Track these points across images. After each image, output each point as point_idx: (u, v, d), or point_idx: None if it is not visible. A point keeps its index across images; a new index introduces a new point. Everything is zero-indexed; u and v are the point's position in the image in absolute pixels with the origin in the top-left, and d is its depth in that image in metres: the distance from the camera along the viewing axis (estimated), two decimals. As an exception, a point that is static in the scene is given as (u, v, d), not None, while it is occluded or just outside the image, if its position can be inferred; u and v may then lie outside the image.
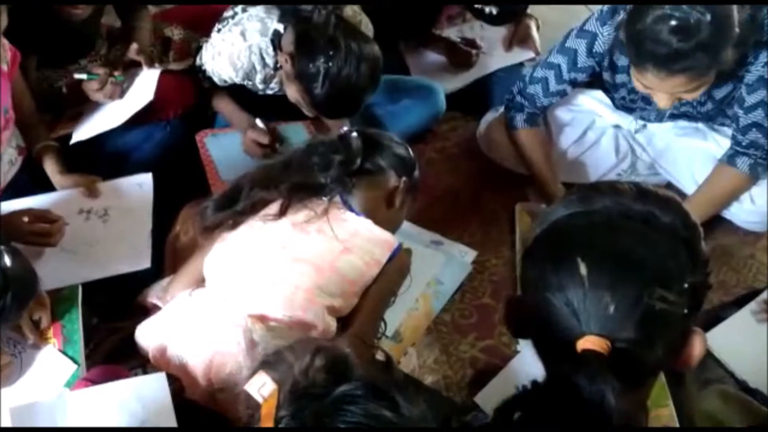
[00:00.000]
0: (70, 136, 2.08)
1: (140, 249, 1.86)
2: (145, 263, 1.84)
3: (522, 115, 2.18)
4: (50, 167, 1.98)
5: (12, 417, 1.36)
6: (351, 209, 1.61)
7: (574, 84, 2.12)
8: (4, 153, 1.87)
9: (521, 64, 2.67)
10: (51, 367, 1.60)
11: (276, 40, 2.01)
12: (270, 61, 2.06)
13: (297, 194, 1.58)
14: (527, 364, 1.66)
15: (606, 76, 2.10)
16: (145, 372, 1.73)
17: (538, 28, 2.69)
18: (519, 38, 2.68)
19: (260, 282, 1.52)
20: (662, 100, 1.80)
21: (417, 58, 2.68)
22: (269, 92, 2.20)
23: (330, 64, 1.82)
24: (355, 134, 1.68)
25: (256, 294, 1.51)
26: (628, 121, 2.26)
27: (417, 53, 2.69)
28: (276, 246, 1.53)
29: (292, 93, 1.96)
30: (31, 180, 1.97)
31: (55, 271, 1.74)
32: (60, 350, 1.62)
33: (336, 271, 1.51)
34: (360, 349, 1.52)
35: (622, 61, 1.99)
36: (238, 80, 2.12)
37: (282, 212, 1.57)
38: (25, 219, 1.74)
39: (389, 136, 1.76)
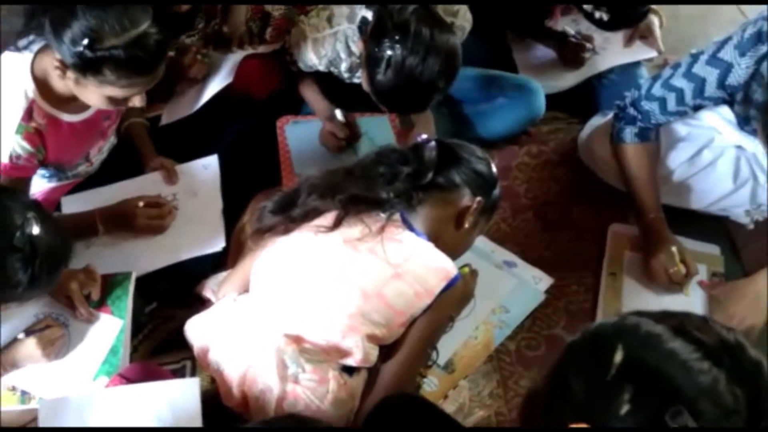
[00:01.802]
0: (159, 118, 2.08)
1: (214, 231, 1.84)
2: (220, 244, 1.82)
3: (633, 128, 1.94)
4: (142, 145, 1.99)
5: (41, 410, 1.37)
6: (411, 228, 1.48)
7: (698, 109, 1.87)
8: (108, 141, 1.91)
9: (638, 64, 2.42)
10: (98, 330, 1.61)
11: (363, 27, 1.89)
12: (356, 49, 1.95)
13: (354, 207, 1.47)
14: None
15: (737, 108, 1.82)
16: (194, 365, 1.74)
17: (661, 24, 2.41)
18: (639, 34, 2.42)
19: (301, 301, 1.43)
20: None
21: (524, 52, 2.47)
22: (356, 81, 2.09)
23: (395, 50, 1.66)
24: (432, 144, 1.55)
25: (295, 313, 1.43)
26: (754, 144, 1.97)
27: (525, 46, 2.49)
28: (323, 263, 1.44)
29: (363, 80, 1.83)
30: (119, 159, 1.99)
31: (132, 258, 1.76)
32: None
33: (383, 298, 1.40)
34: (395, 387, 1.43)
35: (759, 94, 1.69)
36: (321, 68, 2.03)
37: (336, 225, 1.46)
38: (141, 204, 1.79)
39: (471, 149, 1.59)
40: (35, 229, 1.33)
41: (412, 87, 1.72)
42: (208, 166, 1.94)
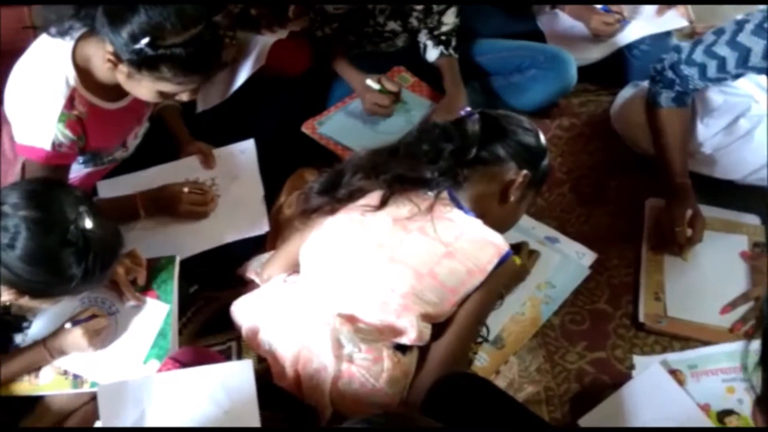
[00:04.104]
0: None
1: (257, 214, 1.84)
2: (263, 228, 1.82)
3: (670, 93, 1.91)
4: (177, 129, 1.98)
5: (100, 395, 1.37)
6: (459, 206, 1.47)
7: (738, 77, 1.84)
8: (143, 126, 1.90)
9: (669, 33, 2.39)
10: (145, 315, 1.60)
11: None
12: None
13: (399, 186, 1.46)
14: (640, 394, 1.52)
15: None
16: (239, 346, 1.74)
17: (692, -8, 2.39)
18: (669, 2, 2.39)
19: (354, 282, 1.43)
20: None
21: (552, 23, 2.45)
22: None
23: None
24: (475, 117, 1.51)
25: (348, 293, 1.43)
26: (790, 112, 1.96)
27: (552, 17, 2.46)
28: (373, 243, 1.43)
29: None
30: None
31: (176, 241, 1.76)
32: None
33: (435, 277, 1.39)
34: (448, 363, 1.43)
35: None
36: None
37: (382, 204, 1.45)
38: (185, 189, 1.78)
39: (517, 119, 1.56)
40: (88, 223, 1.33)
41: None
42: (245, 150, 1.93)
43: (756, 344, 0.91)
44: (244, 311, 1.60)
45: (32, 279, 1.32)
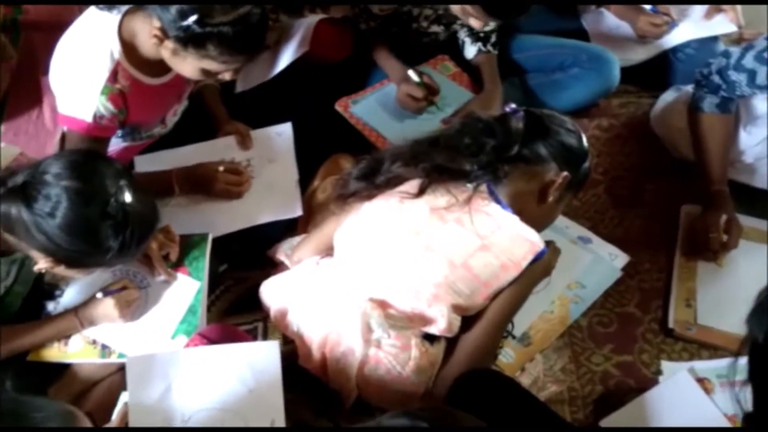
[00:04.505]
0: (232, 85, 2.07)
1: (291, 198, 1.84)
2: (297, 211, 1.82)
3: (714, 98, 1.88)
4: (215, 109, 1.99)
5: (128, 366, 1.39)
6: (497, 200, 1.46)
7: None
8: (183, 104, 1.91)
9: (716, 38, 2.34)
10: (176, 290, 1.61)
11: None
12: None
13: (437, 176, 1.46)
14: (666, 400, 1.50)
15: None
16: (265, 327, 1.76)
17: (741, -3, 2.33)
18: (718, 6, 2.34)
19: (389, 267, 1.43)
20: None
21: (597, 22, 2.41)
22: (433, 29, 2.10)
23: None
24: (520, 114, 1.50)
25: (382, 279, 1.43)
26: (840, 123, 1.91)
27: (597, 16, 2.43)
28: (410, 231, 1.43)
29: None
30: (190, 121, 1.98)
31: (209, 220, 1.77)
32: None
33: (469, 269, 1.39)
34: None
35: None
36: None
37: (421, 192, 1.45)
38: (221, 169, 1.79)
39: (561, 120, 1.54)
40: (128, 197, 1.34)
41: None
42: (282, 133, 1.93)
43: (743, 360, 0.90)
44: (273, 292, 1.61)
45: (70, 248, 1.34)
